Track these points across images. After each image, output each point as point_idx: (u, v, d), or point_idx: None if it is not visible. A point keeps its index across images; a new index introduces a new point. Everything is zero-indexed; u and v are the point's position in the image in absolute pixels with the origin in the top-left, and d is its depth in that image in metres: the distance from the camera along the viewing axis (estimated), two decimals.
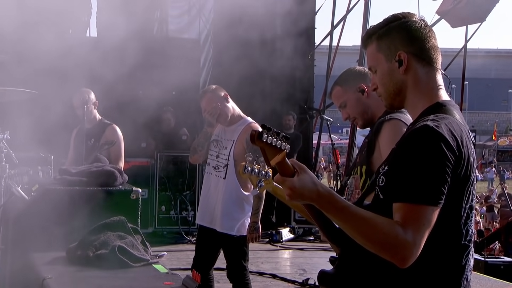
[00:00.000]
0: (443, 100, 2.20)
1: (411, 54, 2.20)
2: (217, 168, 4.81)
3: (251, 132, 1.99)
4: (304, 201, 2.07)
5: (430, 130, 2.03)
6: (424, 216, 1.97)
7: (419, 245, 1.96)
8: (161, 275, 3.19)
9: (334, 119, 10.88)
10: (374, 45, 2.26)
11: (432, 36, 2.23)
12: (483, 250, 8.99)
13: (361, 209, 2.05)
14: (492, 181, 32.66)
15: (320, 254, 8.66)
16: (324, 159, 33.75)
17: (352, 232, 2.01)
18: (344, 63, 5.28)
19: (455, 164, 2.03)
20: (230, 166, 4.74)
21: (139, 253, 3.40)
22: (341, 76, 3.52)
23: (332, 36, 12.10)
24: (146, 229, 8.83)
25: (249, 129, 4.72)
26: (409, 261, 1.97)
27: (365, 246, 2.00)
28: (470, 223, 2.14)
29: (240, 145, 4.73)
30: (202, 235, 4.94)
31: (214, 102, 4.79)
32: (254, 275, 7.23)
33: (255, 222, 4.69)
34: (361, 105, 3.38)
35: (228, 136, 4.83)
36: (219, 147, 4.85)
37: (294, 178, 2.01)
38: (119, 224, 3.55)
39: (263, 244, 9.32)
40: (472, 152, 2.11)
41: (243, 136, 4.73)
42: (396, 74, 2.22)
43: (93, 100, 6.00)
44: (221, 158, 4.80)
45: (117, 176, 4.04)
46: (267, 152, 2.01)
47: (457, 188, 2.06)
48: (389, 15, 2.29)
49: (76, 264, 3.34)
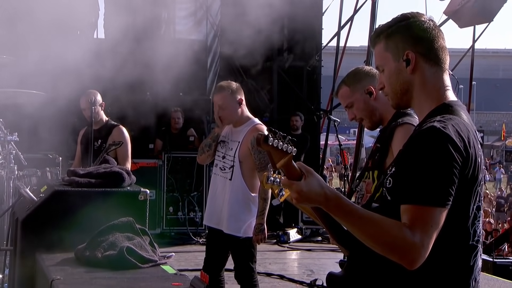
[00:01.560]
0: (450, 101, 2.20)
1: (419, 54, 2.19)
2: (223, 169, 4.79)
3: (257, 135, 2.00)
4: (312, 204, 2.07)
5: (437, 131, 2.02)
6: (431, 217, 1.97)
7: (427, 246, 1.96)
8: (169, 276, 3.20)
9: (342, 120, 10.87)
10: (382, 44, 2.26)
11: (441, 36, 2.23)
12: (492, 251, 8.95)
13: (369, 212, 2.04)
14: (500, 182, 32.54)
15: (328, 255, 8.66)
16: (331, 160, 33.70)
17: (360, 234, 2.01)
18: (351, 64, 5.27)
19: (462, 165, 2.02)
20: (236, 167, 4.73)
21: (147, 254, 3.41)
22: (349, 76, 3.48)
23: (339, 37, 12.09)
24: (154, 230, 8.85)
25: (255, 130, 4.70)
26: (418, 263, 1.96)
27: (373, 248, 2.00)
28: (478, 224, 2.14)
29: (245, 147, 4.72)
30: (211, 236, 4.95)
31: (225, 103, 4.74)
32: (262, 276, 7.23)
33: (261, 223, 4.67)
34: (368, 107, 3.35)
35: (235, 137, 4.81)
36: (225, 148, 4.83)
37: (301, 181, 2.01)
38: (127, 225, 3.55)
39: (270, 245, 9.32)
40: (480, 152, 2.10)
41: (248, 137, 4.71)
42: (403, 73, 2.22)
43: (100, 101, 6.02)
44: (227, 159, 4.79)
45: (125, 177, 4.04)
46: (274, 155, 2.01)
47: (465, 189, 2.05)
48: (398, 15, 2.28)
49: (84, 265, 3.35)
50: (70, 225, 3.68)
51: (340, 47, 12.24)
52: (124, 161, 5.71)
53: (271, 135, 1.99)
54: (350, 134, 36.27)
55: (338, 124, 10.04)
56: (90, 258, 3.36)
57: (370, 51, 10.61)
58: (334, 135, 10.54)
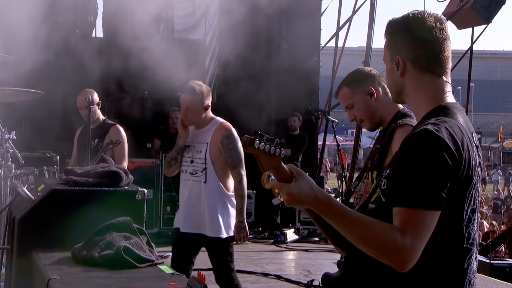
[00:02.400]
0: (446, 103, 2.19)
1: (409, 61, 2.19)
2: (194, 173, 4.75)
3: (244, 138, 1.99)
4: (302, 206, 2.08)
5: (429, 134, 2.03)
6: (422, 220, 1.97)
7: (417, 249, 1.96)
8: (167, 276, 3.19)
9: (340, 120, 10.86)
10: (387, 40, 2.28)
11: (443, 41, 2.19)
12: (489, 253, 8.95)
13: (360, 214, 2.05)
14: (497, 183, 32.57)
15: (325, 255, 8.66)
16: (329, 160, 33.72)
17: (351, 236, 2.02)
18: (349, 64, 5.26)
19: (455, 167, 2.02)
20: (209, 169, 4.70)
21: (145, 253, 3.40)
22: (349, 77, 3.46)
23: (337, 37, 12.11)
24: (151, 230, 8.84)
25: (222, 129, 4.73)
26: (408, 265, 1.97)
27: (364, 250, 2.01)
28: (472, 226, 2.13)
29: (215, 146, 4.71)
30: (183, 241, 4.82)
31: (193, 106, 4.74)
32: (259, 276, 7.24)
33: (241, 221, 4.68)
34: (369, 108, 3.35)
35: (201, 139, 4.79)
36: (192, 152, 4.79)
37: (291, 183, 2.02)
38: (125, 224, 3.54)
39: (268, 245, 9.33)
40: (474, 155, 2.09)
41: (216, 136, 4.71)
42: (395, 75, 2.23)
43: (97, 100, 6.02)
44: (197, 162, 4.75)
45: (123, 176, 4.03)
46: (261, 158, 2.00)
47: (458, 191, 2.05)
48: (410, 12, 2.25)
49: (81, 264, 3.34)
50: (67, 224, 3.67)
51: (338, 47, 12.24)
52: (121, 160, 5.71)
53: (257, 138, 1.98)
54: (348, 134, 36.31)
55: (336, 125, 10.05)
56: (87, 258, 3.35)
57: (369, 52, 10.62)
58: (332, 135, 10.55)
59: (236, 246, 4.85)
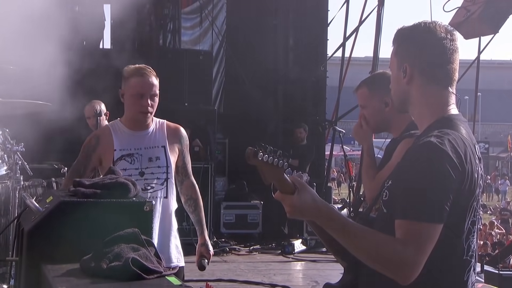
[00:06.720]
0: (449, 115, 2.19)
1: (416, 70, 2.19)
2: (150, 188, 3.73)
3: (247, 150, 1.98)
4: (305, 218, 2.09)
5: (433, 147, 2.03)
6: (425, 233, 1.97)
7: (420, 263, 1.96)
8: (175, 287, 3.19)
9: (347, 131, 10.85)
10: (395, 47, 2.27)
11: (451, 53, 2.19)
12: (497, 263, 8.91)
13: (362, 226, 2.05)
14: (505, 193, 32.42)
15: (333, 266, 8.63)
16: (336, 170, 33.66)
17: (353, 249, 2.02)
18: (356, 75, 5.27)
19: (458, 180, 2.02)
20: (171, 180, 3.76)
21: (153, 265, 3.40)
22: (373, 78, 3.45)
23: (344, 48, 12.10)
24: None
25: (175, 127, 3.96)
26: (410, 278, 1.97)
27: (366, 263, 2.01)
28: (472, 239, 2.14)
29: (173, 147, 3.85)
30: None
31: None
32: (266, 287, 7.22)
33: (206, 240, 4.07)
34: (379, 117, 3.35)
35: (151, 143, 3.82)
36: (140, 161, 3.75)
37: (294, 195, 2.03)
38: (133, 236, 3.54)
39: (275, 255, 9.31)
40: (477, 167, 2.09)
41: (174, 136, 3.89)
42: (401, 83, 2.23)
43: (104, 111, 6.04)
44: (151, 173, 3.76)
45: (131, 188, 4.03)
46: (264, 170, 2.01)
47: (460, 204, 2.05)
48: (421, 21, 2.24)
49: (89, 276, 3.34)
50: (76, 236, 3.67)
51: (345, 57, 12.24)
52: None
53: (261, 150, 1.98)
54: (355, 145, 36.24)
55: (343, 135, 10.04)
56: (95, 269, 3.35)
57: (376, 62, 10.62)
58: (339, 145, 10.54)
59: (244, 257, 4.78)
